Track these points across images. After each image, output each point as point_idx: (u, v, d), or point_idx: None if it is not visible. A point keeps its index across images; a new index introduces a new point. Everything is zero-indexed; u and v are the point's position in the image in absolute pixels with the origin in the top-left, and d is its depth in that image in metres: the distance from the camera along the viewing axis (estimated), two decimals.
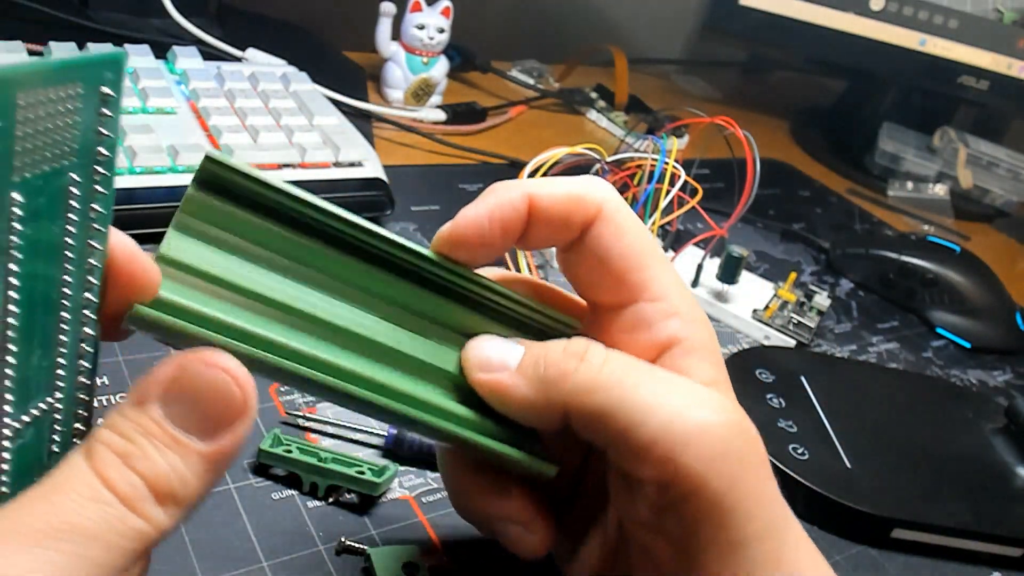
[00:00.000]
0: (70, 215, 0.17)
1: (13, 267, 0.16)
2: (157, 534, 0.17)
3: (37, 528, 0.16)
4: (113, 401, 0.34)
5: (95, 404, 0.20)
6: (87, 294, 0.18)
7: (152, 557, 0.19)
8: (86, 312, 0.18)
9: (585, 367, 0.23)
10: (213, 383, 0.18)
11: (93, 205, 0.18)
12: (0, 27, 0.55)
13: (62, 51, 0.50)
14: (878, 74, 0.90)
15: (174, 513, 0.17)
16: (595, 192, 0.25)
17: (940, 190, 0.83)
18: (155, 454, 0.17)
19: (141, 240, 0.20)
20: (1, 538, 0.15)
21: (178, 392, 0.18)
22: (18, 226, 0.16)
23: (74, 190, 0.17)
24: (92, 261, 0.18)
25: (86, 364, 0.19)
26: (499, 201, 0.24)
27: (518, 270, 0.46)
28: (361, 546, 0.30)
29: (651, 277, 0.25)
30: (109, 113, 0.17)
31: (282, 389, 0.37)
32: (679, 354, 0.24)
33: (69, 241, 0.17)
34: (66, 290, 0.18)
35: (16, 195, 0.16)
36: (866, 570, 0.38)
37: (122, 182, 0.43)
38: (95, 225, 0.18)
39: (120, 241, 0.19)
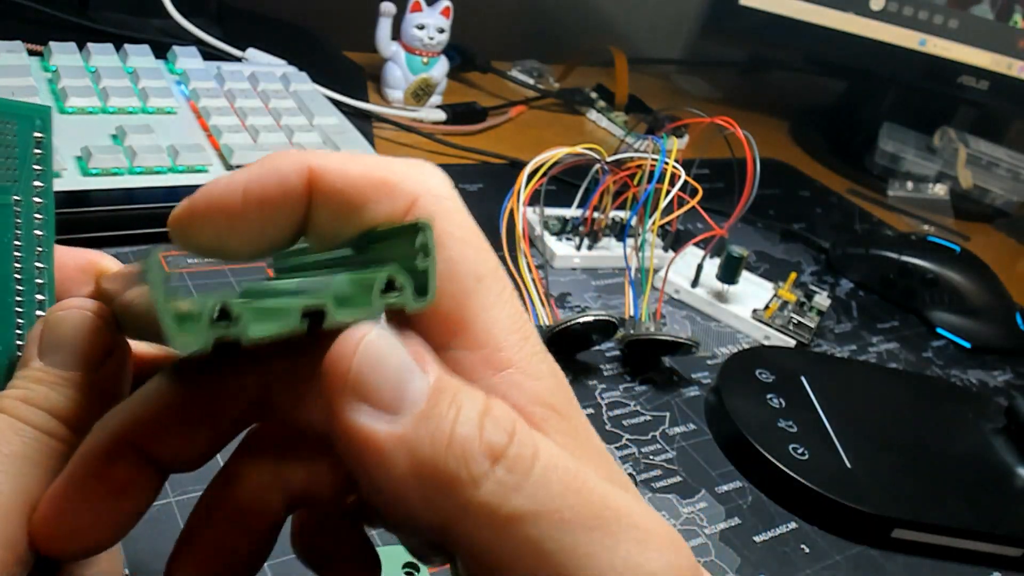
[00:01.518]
0: (17, 231, 0.20)
1: None
2: (61, 444, 0.18)
3: None
4: None
5: None
6: (38, 311, 0.21)
7: (152, 557, 0.20)
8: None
9: (500, 477, 0.15)
10: (73, 322, 0.19)
11: (36, 231, 0.21)
12: (0, 27, 0.55)
13: (62, 51, 0.50)
14: (878, 74, 0.90)
15: (63, 432, 0.18)
16: (411, 179, 0.17)
17: (940, 190, 0.83)
18: (49, 392, 0.19)
19: (142, 240, 0.21)
20: None
21: (47, 342, 0.19)
22: None
23: (18, 208, 0.21)
24: (39, 280, 0.21)
25: None
26: (263, 171, 0.17)
27: (517, 269, 0.46)
28: None
29: (474, 312, 0.17)
30: (40, 152, 0.21)
31: None
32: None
33: (18, 254, 0.20)
34: (19, 298, 0.21)
35: None
36: (866, 570, 0.38)
37: (122, 182, 0.43)
38: (38, 247, 0.21)
39: (72, 257, 0.21)
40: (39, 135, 0.21)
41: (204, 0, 0.67)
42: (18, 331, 0.20)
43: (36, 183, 0.21)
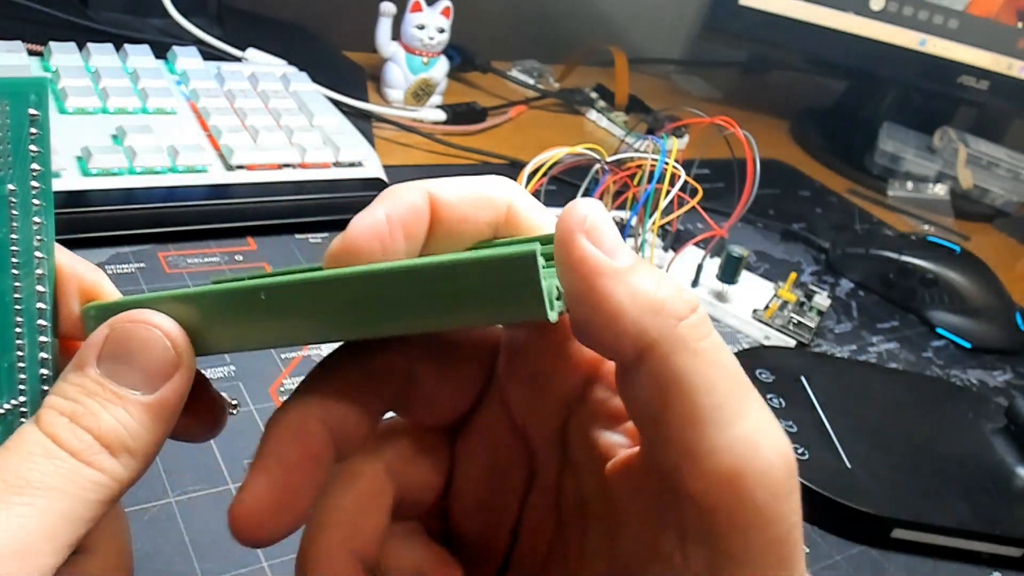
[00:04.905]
0: (13, 223, 0.19)
1: None
2: (116, 484, 0.18)
3: None
4: None
5: None
6: (39, 303, 0.20)
7: (152, 557, 0.20)
8: (41, 321, 0.20)
9: (695, 320, 0.18)
10: (142, 338, 0.19)
11: (35, 218, 0.19)
12: (0, 27, 0.55)
13: (62, 51, 0.50)
14: (878, 74, 0.90)
15: (129, 463, 0.18)
16: (501, 190, 0.21)
17: (940, 190, 0.83)
18: (100, 410, 0.18)
19: (143, 240, 0.21)
20: None
21: (111, 351, 0.18)
22: None
23: (14, 199, 0.19)
24: (40, 271, 0.20)
25: (47, 371, 0.20)
26: (399, 203, 0.20)
27: None
28: None
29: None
30: (36, 131, 0.19)
31: (282, 389, 0.37)
32: None
33: (15, 248, 0.19)
34: (18, 295, 0.19)
35: None
36: (866, 570, 0.38)
37: (122, 182, 0.43)
38: (38, 236, 0.19)
39: (68, 256, 0.21)
40: (34, 112, 0.19)
41: (204, 0, 0.67)
42: (17, 328, 0.19)
43: (33, 167, 0.19)
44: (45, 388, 0.20)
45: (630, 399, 0.19)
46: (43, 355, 0.20)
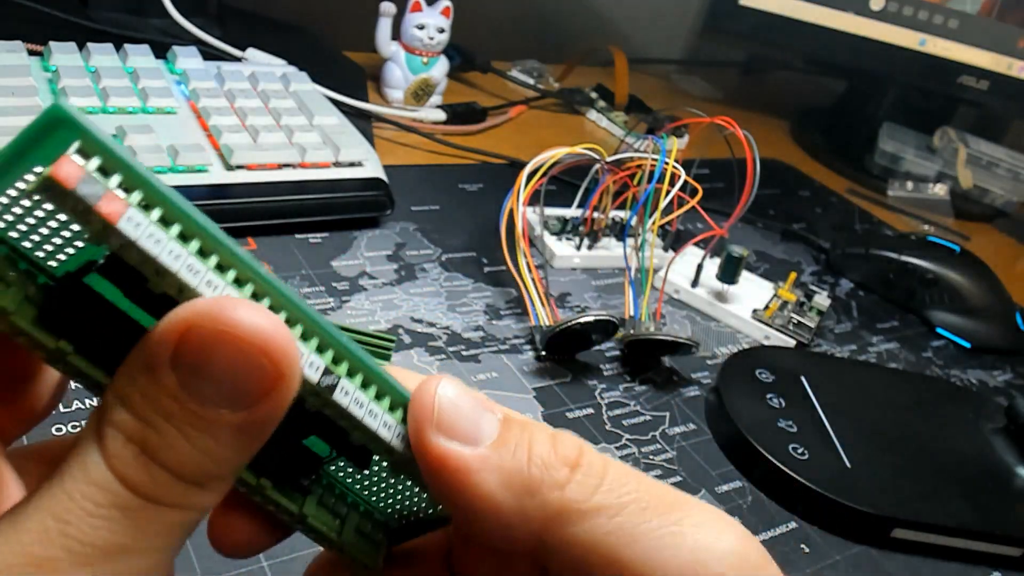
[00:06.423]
0: None
1: None
2: (199, 514, 0.15)
3: (55, 556, 0.13)
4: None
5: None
6: None
7: None
8: None
9: (579, 480, 0.17)
10: (234, 347, 0.14)
11: None
12: (0, 27, 0.55)
13: (62, 51, 0.50)
14: (878, 74, 0.90)
15: (216, 487, 0.15)
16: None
17: (940, 190, 0.83)
18: (178, 439, 0.14)
19: None
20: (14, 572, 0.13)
21: (192, 359, 0.14)
22: None
23: None
24: None
25: None
26: None
27: (517, 269, 0.46)
28: None
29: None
30: None
31: None
32: None
33: None
34: None
35: None
36: (866, 570, 0.38)
37: None
38: None
39: None
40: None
41: (204, 0, 0.67)
42: None
43: None
44: None
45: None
46: None
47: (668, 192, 0.49)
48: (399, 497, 0.20)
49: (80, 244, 0.15)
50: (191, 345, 0.14)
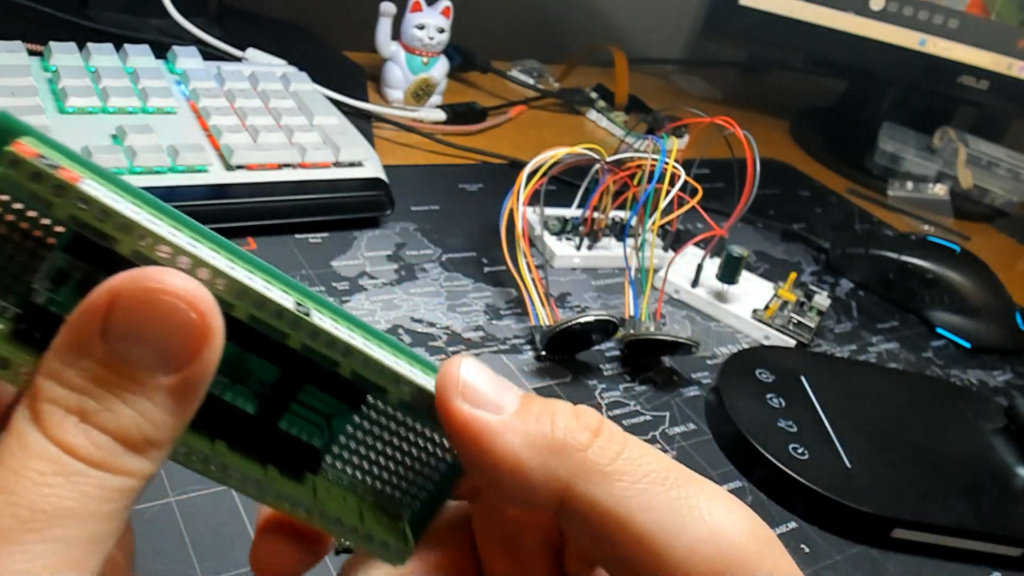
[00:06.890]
0: None
1: None
2: (142, 481, 0.15)
3: (7, 526, 0.14)
4: None
5: None
6: None
7: (152, 557, 0.20)
8: None
9: (601, 445, 0.17)
10: (160, 309, 0.14)
11: None
12: (0, 27, 0.55)
13: (62, 51, 0.50)
14: (878, 74, 0.90)
15: (156, 455, 0.15)
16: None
17: (940, 190, 0.83)
18: (116, 403, 0.15)
19: None
20: None
21: (122, 327, 0.14)
22: None
23: None
24: None
25: None
26: None
27: (517, 269, 0.46)
28: None
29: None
30: None
31: None
32: None
33: None
34: None
35: None
36: (866, 570, 0.38)
37: None
38: None
39: None
40: None
41: (204, 0, 0.67)
42: None
43: None
44: None
45: (577, 542, 0.18)
46: None
47: (668, 192, 0.49)
48: (406, 461, 0.20)
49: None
50: (120, 311, 0.14)
